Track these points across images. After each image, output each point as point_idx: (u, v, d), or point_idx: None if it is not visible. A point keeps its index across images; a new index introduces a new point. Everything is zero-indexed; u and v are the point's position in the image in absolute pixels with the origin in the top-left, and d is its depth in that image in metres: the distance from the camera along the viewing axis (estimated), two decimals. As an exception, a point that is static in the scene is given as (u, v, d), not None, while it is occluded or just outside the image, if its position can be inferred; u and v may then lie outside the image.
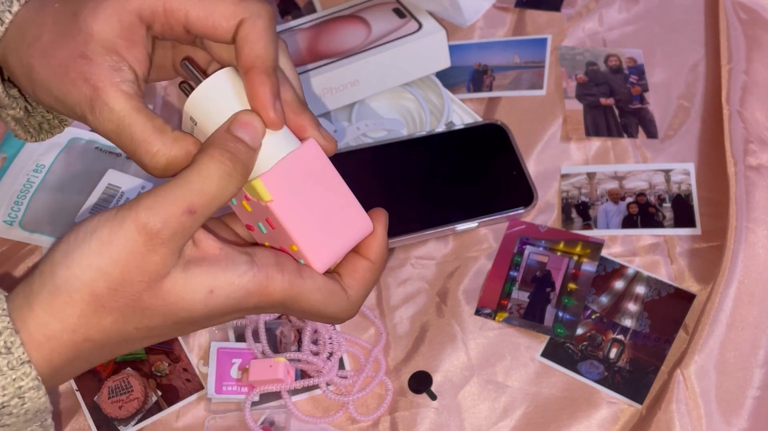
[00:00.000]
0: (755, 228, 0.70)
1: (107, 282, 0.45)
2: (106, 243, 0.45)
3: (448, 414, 0.67)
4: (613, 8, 0.90)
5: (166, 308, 0.46)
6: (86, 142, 0.82)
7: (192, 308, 0.46)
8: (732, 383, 0.65)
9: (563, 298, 0.71)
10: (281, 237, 0.48)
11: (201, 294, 0.46)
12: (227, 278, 0.46)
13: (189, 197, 0.45)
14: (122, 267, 0.45)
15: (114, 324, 0.46)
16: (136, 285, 0.45)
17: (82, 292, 0.45)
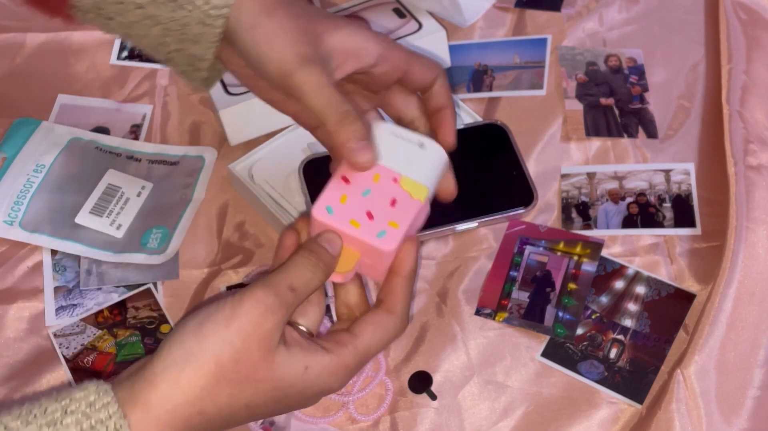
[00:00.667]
0: (755, 228, 0.70)
1: (232, 352, 0.50)
2: (231, 317, 0.51)
3: (448, 414, 0.67)
4: (613, 8, 0.90)
5: (274, 382, 0.52)
6: (86, 142, 0.82)
7: (293, 382, 0.52)
8: (732, 383, 0.65)
9: (563, 298, 0.71)
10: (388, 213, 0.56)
11: (300, 368, 0.52)
12: (316, 359, 0.53)
13: (289, 279, 0.53)
14: (245, 337, 0.50)
15: (229, 398, 0.51)
16: (255, 355, 0.51)
17: (210, 363, 0.50)
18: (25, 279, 0.75)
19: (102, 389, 0.50)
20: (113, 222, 0.76)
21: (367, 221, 0.55)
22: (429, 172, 0.59)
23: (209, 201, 0.79)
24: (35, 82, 0.87)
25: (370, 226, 0.55)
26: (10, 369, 0.70)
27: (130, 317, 0.72)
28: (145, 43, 0.63)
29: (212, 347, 0.50)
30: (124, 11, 0.61)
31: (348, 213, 0.55)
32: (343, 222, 0.55)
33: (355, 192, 0.56)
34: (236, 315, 0.51)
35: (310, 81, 0.56)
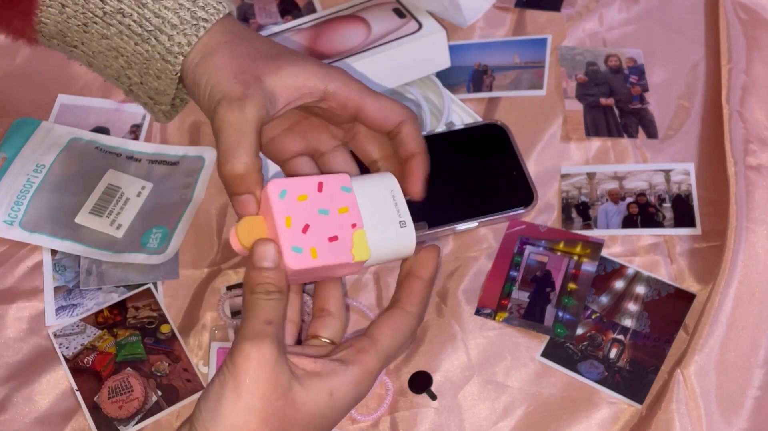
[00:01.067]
0: (755, 228, 0.70)
1: (257, 416, 0.51)
2: (236, 384, 0.51)
3: (448, 414, 0.67)
4: (613, 8, 0.90)
5: (304, 419, 0.52)
6: (86, 142, 0.82)
7: (323, 413, 0.53)
8: (732, 383, 0.65)
9: (563, 298, 0.71)
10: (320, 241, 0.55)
11: (324, 398, 0.53)
12: (338, 380, 0.54)
13: (260, 316, 0.53)
14: (260, 396, 0.51)
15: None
16: (277, 405, 0.51)
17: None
18: (25, 279, 0.75)
19: None
20: (113, 223, 0.77)
21: (300, 232, 0.55)
22: (385, 249, 0.58)
23: (209, 201, 0.79)
24: (35, 82, 0.87)
25: (297, 237, 0.55)
26: (10, 369, 0.70)
27: (130, 317, 0.72)
28: (107, 73, 0.64)
29: (237, 422, 0.51)
30: (88, 40, 0.62)
31: (296, 211, 0.55)
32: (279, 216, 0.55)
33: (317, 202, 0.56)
34: (239, 379, 0.51)
35: (222, 119, 0.56)
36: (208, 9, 0.61)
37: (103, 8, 0.60)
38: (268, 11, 0.92)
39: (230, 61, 0.58)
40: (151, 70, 0.61)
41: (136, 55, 0.61)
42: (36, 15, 0.61)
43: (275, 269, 0.54)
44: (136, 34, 0.60)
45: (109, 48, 0.62)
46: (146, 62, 0.61)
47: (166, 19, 0.60)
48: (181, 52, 0.60)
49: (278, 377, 0.52)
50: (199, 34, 0.60)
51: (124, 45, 0.61)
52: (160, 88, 0.62)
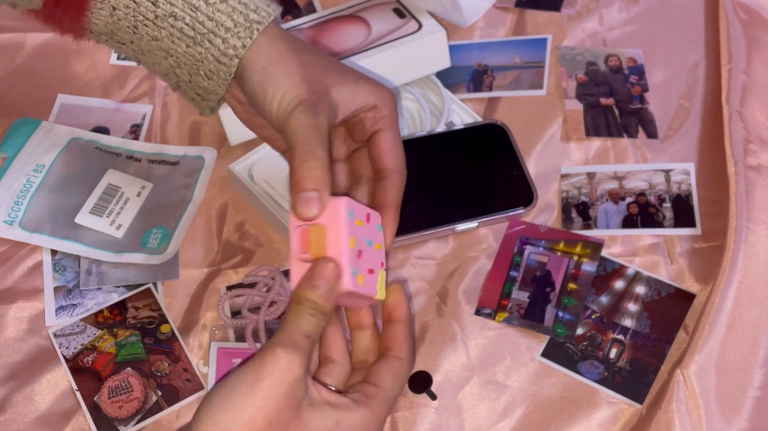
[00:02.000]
0: (755, 228, 0.70)
1: (264, 416, 0.51)
2: (256, 381, 0.51)
3: (448, 414, 0.67)
4: (613, 8, 0.90)
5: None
6: (86, 141, 0.82)
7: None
8: (732, 383, 0.65)
9: (563, 298, 0.71)
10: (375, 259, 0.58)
11: (331, 425, 0.53)
12: (348, 414, 0.54)
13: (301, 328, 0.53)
14: (274, 399, 0.51)
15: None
16: (285, 415, 0.51)
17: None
18: (25, 279, 0.75)
19: None
20: (113, 222, 0.76)
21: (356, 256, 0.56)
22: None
23: (209, 201, 0.79)
24: (35, 82, 0.87)
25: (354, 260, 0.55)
26: (10, 369, 0.70)
27: (130, 317, 0.72)
28: (156, 70, 0.65)
29: (243, 415, 0.51)
30: (138, 40, 0.63)
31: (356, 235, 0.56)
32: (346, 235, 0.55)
33: (366, 232, 0.57)
34: (261, 377, 0.51)
35: (298, 122, 0.57)
36: (260, 12, 0.61)
37: (155, 11, 0.61)
38: (268, 11, 0.91)
39: (301, 69, 0.59)
40: (201, 71, 0.63)
41: (188, 57, 0.62)
42: (86, 16, 0.62)
43: (328, 290, 0.54)
44: (188, 37, 0.61)
45: (159, 48, 0.63)
46: (197, 63, 0.62)
47: (220, 22, 0.61)
48: (236, 55, 0.61)
49: (296, 390, 0.52)
50: (253, 36, 0.61)
51: (175, 47, 0.62)
52: (210, 87, 0.63)
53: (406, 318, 0.59)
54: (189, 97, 0.66)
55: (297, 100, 0.58)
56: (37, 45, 0.89)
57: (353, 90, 0.61)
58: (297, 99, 0.58)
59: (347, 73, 0.62)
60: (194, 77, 0.63)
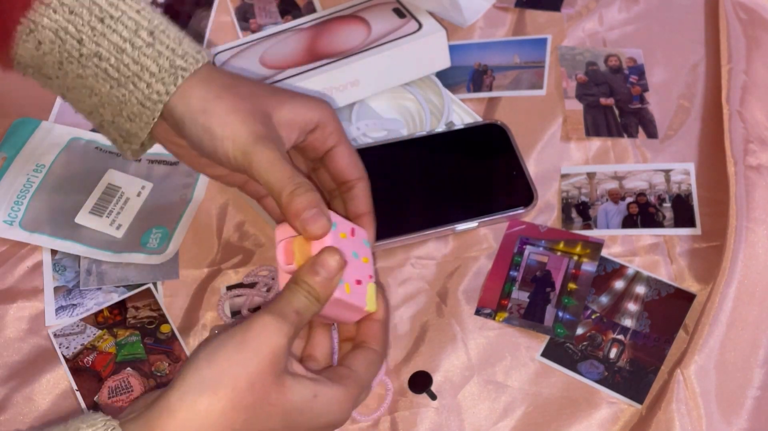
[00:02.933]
0: (755, 228, 0.70)
1: (247, 376, 0.52)
2: (243, 341, 0.52)
3: (448, 414, 0.67)
4: (613, 8, 0.90)
5: (285, 406, 0.53)
6: (86, 142, 0.82)
7: (302, 408, 0.54)
8: (732, 383, 0.65)
9: (563, 298, 0.71)
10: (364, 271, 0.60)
11: (309, 395, 0.54)
12: (324, 389, 0.55)
13: (293, 304, 0.55)
14: (258, 362, 0.52)
15: (243, 425, 0.52)
16: (267, 378, 0.52)
17: (226, 388, 0.51)
18: (25, 279, 0.75)
19: (110, 425, 0.51)
20: (113, 222, 0.77)
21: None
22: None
23: (209, 201, 0.79)
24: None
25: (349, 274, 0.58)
26: (10, 369, 0.70)
27: (130, 317, 0.72)
28: (81, 108, 0.65)
29: (228, 371, 0.52)
30: (63, 76, 0.62)
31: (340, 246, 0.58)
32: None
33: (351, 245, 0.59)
34: (248, 338, 0.52)
35: (265, 158, 0.58)
36: (187, 59, 0.61)
37: (80, 50, 0.61)
38: (268, 11, 0.92)
39: (242, 103, 0.60)
40: (125, 113, 0.62)
41: (111, 97, 0.62)
42: (12, 47, 0.62)
43: (327, 279, 0.56)
44: (112, 78, 0.61)
45: (84, 86, 0.62)
46: (121, 104, 0.62)
47: (145, 67, 0.60)
48: (160, 100, 0.60)
49: (279, 357, 0.53)
50: (177, 83, 0.60)
51: (99, 86, 0.62)
52: (132, 130, 0.63)
53: (383, 318, 0.62)
54: (111, 138, 0.66)
55: (252, 137, 0.58)
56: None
57: (293, 111, 0.62)
58: (252, 136, 0.58)
59: (282, 95, 0.62)
60: (117, 118, 0.63)
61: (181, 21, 0.90)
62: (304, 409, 0.54)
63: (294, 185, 0.57)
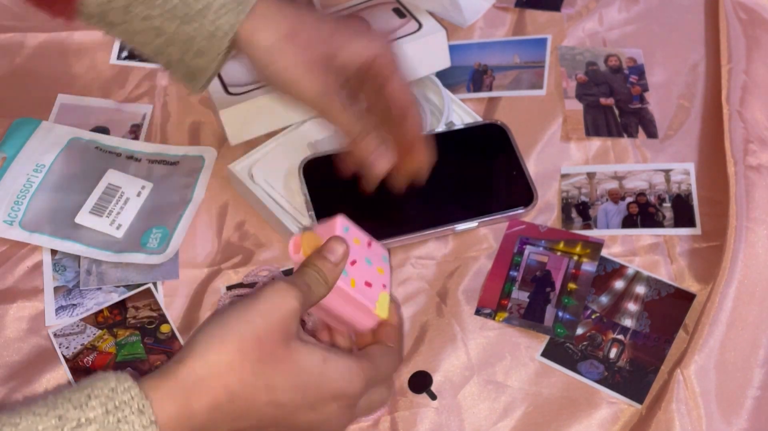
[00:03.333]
0: (755, 228, 0.70)
1: (253, 331, 0.53)
2: (252, 304, 0.54)
3: (448, 414, 0.67)
4: (613, 8, 0.90)
5: (293, 365, 0.54)
6: (86, 141, 0.82)
7: (311, 370, 0.55)
8: (732, 383, 0.65)
9: (563, 298, 0.71)
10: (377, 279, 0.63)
11: (318, 359, 0.55)
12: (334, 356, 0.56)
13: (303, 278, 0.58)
14: (266, 319, 0.54)
15: (251, 376, 0.53)
16: (275, 336, 0.53)
17: (234, 342, 0.53)
18: (25, 279, 0.75)
19: (122, 377, 0.52)
20: (113, 222, 0.76)
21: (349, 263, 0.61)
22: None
23: (209, 201, 0.79)
24: (35, 82, 0.87)
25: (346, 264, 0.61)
26: (10, 369, 0.70)
27: (129, 317, 0.72)
28: (147, 50, 0.67)
29: (235, 328, 0.53)
30: (129, 20, 0.64)
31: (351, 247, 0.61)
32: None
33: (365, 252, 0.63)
34: (258, 302, 0.54)
35: (332, 108, 0.66)
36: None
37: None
38: None
39: (304, 53, 0.65)
40: (192, 49, 0.65)
41: (179, 35, 0.64)
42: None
43: (335, 265, 0.59)
44: (178, 17, 0.63)
45: (150, 27, 0.64)
46: (189, 41, 0.64)
47: (210, 2, 0.63)
48: (227, 34, 0.64)
49: (289, 321, 0.54)
50: (242, 15, 0.63)
51: (166, 26, 0.64)
52: (201, 64, 0.66)
53: (398, 324, 0.63)
54: (177, 76, 0.68)
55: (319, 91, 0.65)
56: (37, 45, 0.89)
57: (354, 51, 0.67)
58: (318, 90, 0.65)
59: (343, 36, 0.67)
60: (185, 55, 0.65)
61: (181, 21, 0.91)
62: (313, 371, 0.54)
63: (358, 132, 0.67)
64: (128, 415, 0.50)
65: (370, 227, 0.73)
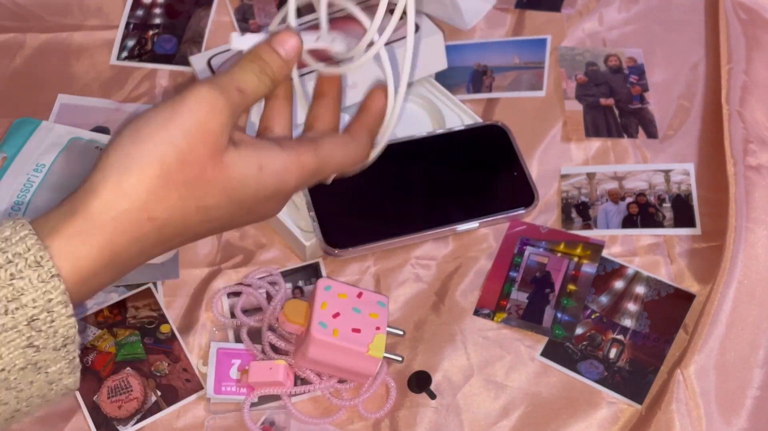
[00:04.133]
0: (755, 228, 0.70)
1: (176, 153, 0.47)
2: (172, 117, 0.48)
3: (447, 414, 0.67)
4: (613, 8, 0.90)
5: (226, 182, 0.49)
6: (86, 141, 0.82)
7: (246, 182, 0.50)
8: (732, 383, 0.65)
9: (562, 300, 0.71)
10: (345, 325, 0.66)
11: (253, 169, 0.50)
12: (270, 156, 0.51)
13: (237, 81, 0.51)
14: (189, 137, 0.48)
15: (179, 201, 0.48)
16: (202, 156, 0.48)
17: (153, 165, 0.47)
18: (24, 279, 0.75)
19: (19, 223, 0.46)
20: (113, 222, 0.76)
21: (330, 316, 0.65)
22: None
23: (209, 201, 0.79)
24: (35, 82, 0.87)
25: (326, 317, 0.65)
26: (10, 369, 0.70)
27: (129, 317, 0.72)
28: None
29: (154, 149, 0.47)
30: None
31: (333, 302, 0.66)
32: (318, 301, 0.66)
33: (353, 303, 0.66)
34: (178, 114, 0.48)
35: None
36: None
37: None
38: (268, 11, 0.92)
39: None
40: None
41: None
42: None
43: (285, 61, 0.53)
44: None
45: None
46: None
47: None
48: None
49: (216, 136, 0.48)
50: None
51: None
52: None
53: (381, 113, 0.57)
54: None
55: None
56: (37, 45, 0.89)
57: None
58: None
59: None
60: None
61: (181, 21, 0.91)
62: (248, 183, 0.50)
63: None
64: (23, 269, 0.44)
65: (371, 227, 0.73)
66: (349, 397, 0.68)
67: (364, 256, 0.75)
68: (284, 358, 0.67)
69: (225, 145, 0.49)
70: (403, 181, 0.77)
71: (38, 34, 0.89)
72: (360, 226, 0.73)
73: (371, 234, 0.73)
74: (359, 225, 0.73)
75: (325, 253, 0.73)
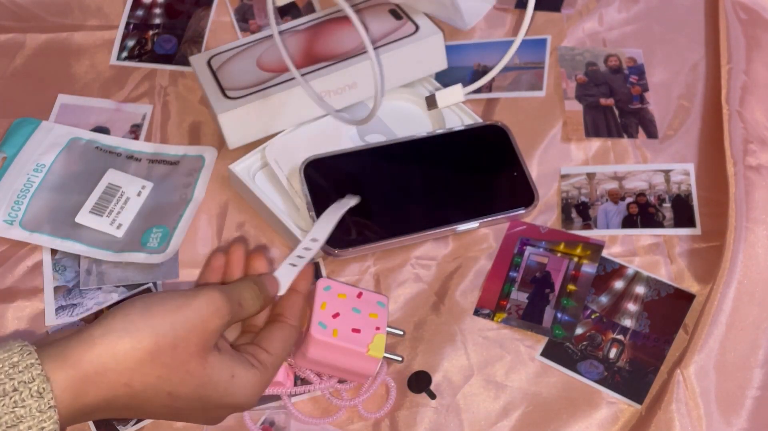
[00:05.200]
0: (755, 228, 0.70)
1: (172, 337, 0.52)
2: (182, 306, 0.54)
3: (447, 414, 0.67)
4: (613, 8, 0.90)
5: (202, 378, 0.54)
6: (86, 141, 0.82)
7: (217, 385, 0.55)
8: (732, 383, 0.65)
9: (562, 300, 0.71)
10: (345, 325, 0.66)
11: (227, 375, 0.55)
12: (242, 371, 0.56)
13: (241, 296, 0.58)
14: (189, 328, 0.53)
15: (156, 380, 0.52)
16: (192, 347, 0.53)
17: (149, 340, 0.52)
18: (25, 279, 0.75)
19: (26, 350, 0.50)
20: (113, 222, 0.77)
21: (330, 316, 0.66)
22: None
23: (209, 201, 0.79)
24: (35, 82, 0.87)
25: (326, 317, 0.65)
26: (10, 369, 0.70)
27: (129, 317, 0.72)
28: None
29: (156, 326, 0.52)
30: None
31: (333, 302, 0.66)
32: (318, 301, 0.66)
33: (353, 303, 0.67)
34: (187, 306, 0.54)
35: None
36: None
37: None
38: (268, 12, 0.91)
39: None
40: None
41: None
42: None
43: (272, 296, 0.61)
44: None
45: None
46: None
47: None
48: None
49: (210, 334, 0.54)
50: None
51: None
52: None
53: (305, 292, 0.64)
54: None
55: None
56: (37, 45, 0.89)
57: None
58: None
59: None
60: None
61: (181, 21, 0.91)
62: (218, 386, 0.55)
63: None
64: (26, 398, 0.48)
65: (371, 227, 0.73)
66: (349, 397, 0.68)
67: (364, 256, 0.75)
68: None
69: (212, 345, 0.55)
70: (403, 181, 0.77)
71: (38, 34, 0.89)
72: (360, 226, 0.73)
73: (371, 234, 0.73)
74: (359, 225, 0.73)
75: (325, 253, 0.73)
